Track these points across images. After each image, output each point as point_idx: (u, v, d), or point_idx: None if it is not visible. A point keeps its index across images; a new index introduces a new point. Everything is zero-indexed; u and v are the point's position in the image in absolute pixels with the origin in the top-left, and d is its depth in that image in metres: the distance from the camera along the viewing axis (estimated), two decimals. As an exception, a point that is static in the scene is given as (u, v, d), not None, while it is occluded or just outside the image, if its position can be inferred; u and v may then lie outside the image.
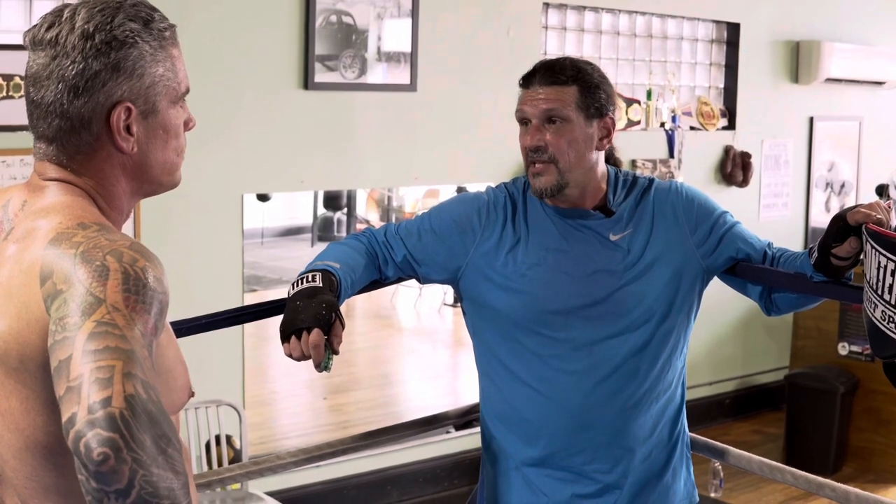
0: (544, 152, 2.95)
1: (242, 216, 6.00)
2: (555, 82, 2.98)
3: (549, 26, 7.35)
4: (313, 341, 2.66)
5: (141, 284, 1.64)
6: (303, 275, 2.84)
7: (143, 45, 1.86)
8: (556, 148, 2.95)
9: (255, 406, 6.73)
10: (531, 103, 2.99)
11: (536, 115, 2.97)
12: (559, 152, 2.95)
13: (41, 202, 1.83)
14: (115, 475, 1.46)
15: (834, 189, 9.15)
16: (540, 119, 2.97)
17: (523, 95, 3.03)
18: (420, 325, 10.07)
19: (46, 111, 1.84)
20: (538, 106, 2.97)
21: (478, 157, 6.71)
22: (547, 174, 2.96)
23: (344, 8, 6.16)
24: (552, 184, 2.96)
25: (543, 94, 2.97)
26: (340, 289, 2.86)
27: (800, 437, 7.55)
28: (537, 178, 2.97)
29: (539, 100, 2.98)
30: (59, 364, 1.56)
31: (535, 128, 2.97)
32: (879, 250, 2.57)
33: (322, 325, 2.67)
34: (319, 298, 2.73)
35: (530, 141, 2.97)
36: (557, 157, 2.95)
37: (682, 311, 3.03)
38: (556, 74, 2.99)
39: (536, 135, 2.96)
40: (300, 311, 2.71)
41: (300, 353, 2.69)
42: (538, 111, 2.97)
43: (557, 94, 2.97)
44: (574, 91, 2.97)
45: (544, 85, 2.98)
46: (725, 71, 8.46)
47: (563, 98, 2.97)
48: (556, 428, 3.01)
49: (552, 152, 2.95)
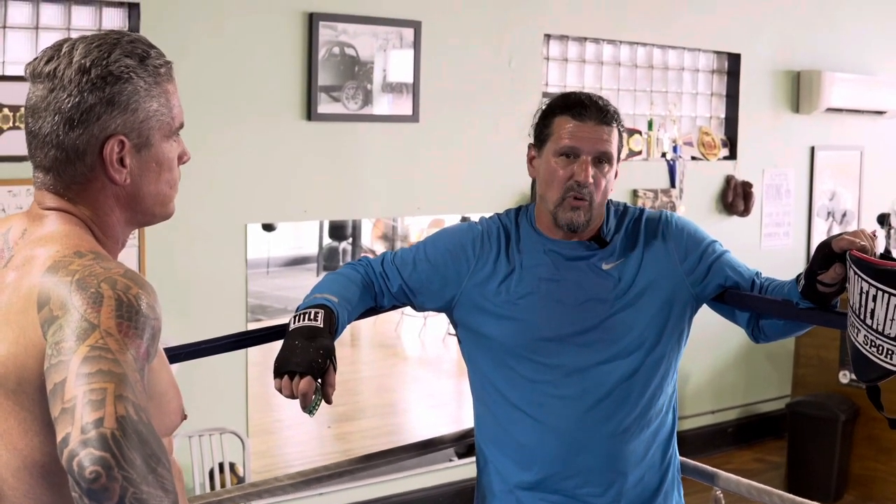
0: (587, 190, 2.98)
1: (246, 246, 6.05)
2: (606, 122, 3.01)
3: (551, 57, 7.41)
4: (303, 388, 2.69)
5: (134, 311, 1.70)
6: (304, 310, 2.88)
7: (137, 81, 1.91)
8: (598, 188, 2.99)
9: (259, 434, 6.76)
10: (589, 140, 2.99)
11: (592, 153, 2.99)
12: (598, 192, 3.00)
13: (40, 231, 1.88)
14: (106, 493, 1.51)
15: (836, 218, 9.17)
16: (593, 156, 2.99)
17: (575, 128, 3.01)
18: (424, 355, 10.11)
19: (43, 141, 1.90)
20: (596, 145, 2.99)
21: (480, 186, 6.76)
22: (583, 210, 2.99)
23: (346, 40, 6.23)
24: (585, 220, 3.00)
25: (602, 134, 3.00)
26: (338, 325, 2.90)
27: (802, 465, 7.56)
28: (576, 212, 2.99)
29: (596, 139, 2.99)
30: (55, 386, 1.61)
31: (589, 163, 2.98)
32: (862, 276, 2.61)
33: (315, 373, 2.71)
34: (318, 343, 2.76)
35: (585, 177, 2.97)
36: (595, 196, 2.99)
37: (672, 338, 3.08)
38: (606, 114, 3.01)
39: (591, 171, 2.98)
40: (296, 353, 2.74)
41: (290, 394, 2.73)
42: (595, 150, 2.99)
43: (610, 136, 3.01)
44: (616, 133, 3.03)
45: (599, 123, 3.00)
46: (726, 101, 8.51)
47: (612, 140, 3.01)
48: (550, 452, 3.04)
49: (592, 191, 2.98)
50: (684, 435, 7.94)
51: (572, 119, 3.01)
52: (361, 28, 6.28)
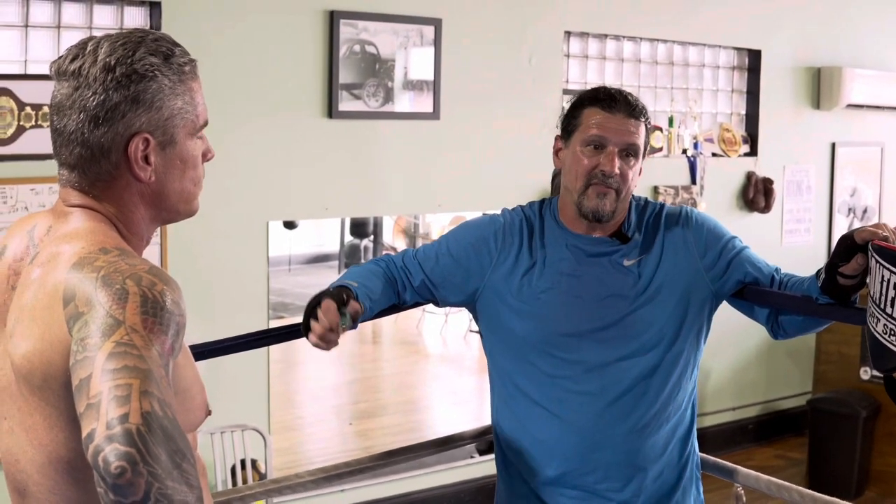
0: (614, 179, 3.00)
1: (268, 243, 6.07)
2: (635, 116, 3.04)
3: (571, 54, 7.41)
4: (325, 307, 2.83)
5: (159, 307, 1.71)
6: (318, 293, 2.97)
7: (162, 79, 1.93)
8: (625, 180, 3.01)
9: (281, 431, 6.78)
10: (616, 132, 3.02)
11: (620, 143, 3.01)
12: (625, 184, 3.02)
13: (65, 228, 1.90)
14: (131, 488, 1.53)
15: (856, 214, 9.15)
16: (621, 147, 3.01)
17: (603, 120, 3.03)
18: (446, 352, 10.13)
19: (68, 139, 1.91)
20: (623, 137, 3.01)
21: (501, 183, 6.76)
22: (609, 198, 3.01)
23: (367, 38, 6.25)
24: (612, 209, 3.02)
25: (630, 127, 3.02)
26: (360, 302, 2.96)
27: (823, 462, 7.55)
28: (602, 200, 3.01)
29: (627, 130, 3.02)
30: (80, 382, 1.62)
31: (616, 154, 3.00)
32: (884, 264, 2.64)
33: (331, 295, 2.87)
34: (326, 290, 2.92)
35: (610, 167, 2.99)
36: (622, 188, 3.01)
37: (691, 334, 3.09)
38: (634, 109, 3.04)
39: (617, 162, 3.00)
40: (311, 303, 2.89)
41: (320, 330, 2.83)
42: (622, 141, 3.01)
43: (637, 129, 3.04)
44: (643, 128, 3.06)
45: (628, 116, 3.03)
46: (747, 97, 8.50)
47: (639, 133, 3.04)
48: (569, 448, 3.06)
49: (619, 182, 3.00)
50: (705, 432, 7.96)
51: (601, 110, 3.03)
52: (382, 26, 6.29)
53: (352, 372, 8.56)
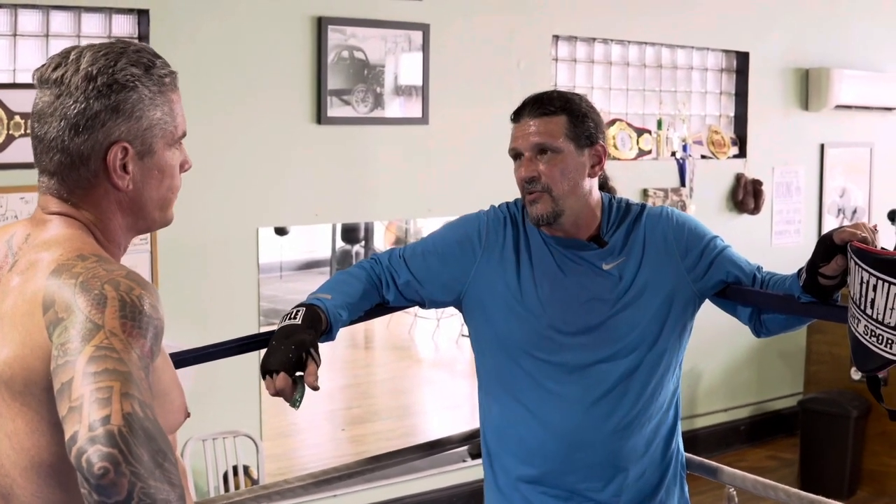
0: (538, 182, 3.03)
1: (258, 249, 6.08)
2: (544, 113, 3.05)
3: (559, 58, 7.43)
4: (278, 385, 2.77)
5: (137, 311, 1.74)
6: (289, 311, 2.93)
7: (142, 90, 1.95)
8: (550, 178, 3.02)
9: (274, 437, 6.79)
10: (522, 137, 3.06)
11: (528, 148, 3.05)
12: (553, 181, 3.02)
13: (43, 235, 1.93)
14: (115, 488, 1.55)
15: (846, 215, 9.17)
16: (532, 151, 3.04)
17: (515, 130, 3.10)
18: (438, 357, 10.15)
19: (49, 146, 1.94)
20: (529, 139, 3.05)
21: (491, 188, 6.73)
22: (542, 202, 3.03)
23: (355, 44, 6.27)
24: (548, 211, 3.03)
25: (534, 127, 3.05)
26: (330, 322, 2.95)
27: (814, 462, 7.57)
28: (534, 206, 3.04)
29: (529, 133, 3.05)
30: (62, 386, 1.65)
31: (528, 160, 3.04)
32: (862, 266, 2.65)
33: (288, 368, 2.77)
34: (292, 339, 2.81)
35: (524, 173, 3.04)
36: (552, 186, 3.02)
37: (673, 335, 3.10)
38: (544, 106, 3.06)
39: (530, 166, 3.04)
40: (272, 354, 2.81)
41: (273, 393, 2.81)
42: (529, 144, 3.05)
43: (547, 126, 3.04)
44: (563, 121, 3.05)
45: (534, 117, 3.06)
46: (735, 99, 8.53)
47: (552, 129, 3.04)
48: (551, 448, 3.08)
49: (546, 182, 3.02)
50: (697, 433, 7.98)
51: (513, 123, 3.13)
52: (370, 32, 6.31)
53: (344, 377, 8.58)
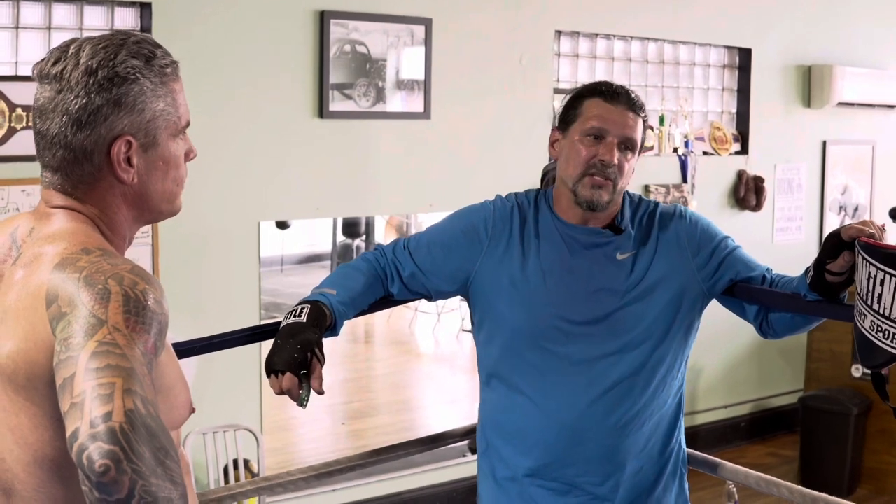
0: (612, 170, 3.02)
1: (259, 243, 6.08)
2: (635, 110, 3.07)
3: (562, 53, 7.42)
4: (285, 386, 2.77)
5: (141, 306, 1.72)
6: (294, 307, 2.92)
7: (144, 82, 1.94)
8: (621, 172, 3.04)
9: (274, 431, 6.79)
10: (617, 123, 3.04)
11: (619, 135, 3.04)
12: (622, 176, 3.04)
13: (47, 229, 1.91)
14: (116, 485, 1.54)
15: (848, 212, 9.17)
16: (620, 139, 3.04)
17: (604, 111, 3.06)
18: (439, 351, 10.15)
19: (51, 142, 1.93)
20: (623, 129, 3.04)
21: (492, 182, 6.74)
22: (606, 190, 3.03)
23: (358, 38, 6.26)
24: (608, 199, 3.04)
25: (631, 120, 3.05)
26: (335, 317, 2.94)
27: (814, 459, 7.57)
28: (597, 191, 3.02)
29: (626, 122, 3.05)
30: (64, 381, 1.64)
31: (614, 145, 3.03)
32: (870, 261, 2.66)
33: (294, 368, 2.77)
34: (298, 339, 2.81)
35: (610, 157, 3.02)
36: (619, 179, 3.04)
37: (679, 333, 3.10)
38: (635, 104, 3.08)
39: (616, 153, 3.03)
40: (276, 353, 2.81)
41: (278, 392, 2.80)
42: (621, 133, 3.04)
43: (637, 123, 3.07)
44: (642, 124, 3.09)
45: (628, 109, 3.06)
46: (738, 96, 8.52)
47: (638, 128, 3.07)
48: (550, 440, 3.07)
49: (617, 174, 3.03)
50: (697, 430, 7.98)
51: (604, 102, 3.06)
52: (372, 26, 6.30)
53: (344, 371, 8.57)
